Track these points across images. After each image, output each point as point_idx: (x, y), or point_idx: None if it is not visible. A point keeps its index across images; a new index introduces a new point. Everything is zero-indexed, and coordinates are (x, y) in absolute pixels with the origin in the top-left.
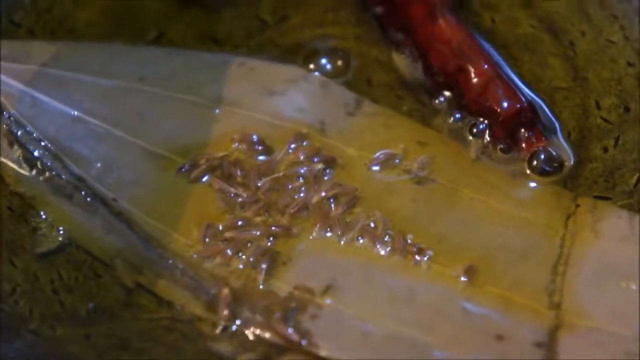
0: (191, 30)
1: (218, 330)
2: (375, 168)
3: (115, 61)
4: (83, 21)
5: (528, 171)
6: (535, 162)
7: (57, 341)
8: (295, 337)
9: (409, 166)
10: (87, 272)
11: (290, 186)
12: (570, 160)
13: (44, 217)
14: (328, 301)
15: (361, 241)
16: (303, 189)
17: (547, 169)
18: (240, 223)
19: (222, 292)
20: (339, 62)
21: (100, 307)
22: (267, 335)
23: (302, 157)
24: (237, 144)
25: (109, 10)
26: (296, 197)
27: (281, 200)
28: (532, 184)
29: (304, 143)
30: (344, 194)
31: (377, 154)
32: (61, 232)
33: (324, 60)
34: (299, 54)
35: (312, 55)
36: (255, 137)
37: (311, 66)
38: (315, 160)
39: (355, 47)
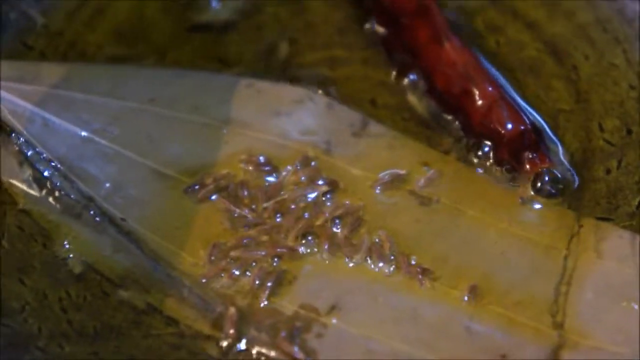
0: (200, 52)
1: (224, 349)
2: (380, 188)
3: (125, 83)
4: (94, 43)
5: (532, 192)
6: (539, 183)
7: (65, 359)
8: (300, 355)
9: (413, 187)
10: (95, 291)
11: (294, 207)
12: (573, 182)
13: (53, 236)
14: (333, 320)
15: (367, 261)
16: (307, 211)
17: (551, 190)
18: (246, 242)
19: (229, 310)
20: (344, 84)
21: (108, 325)
22: (272, 353)
23: (304, 180)
24: (244, 164)
25: (119, 32)
26: (301, 218)
27: (286, 222)
28: (536, 205)
29: (312, 164)
30: (348, 214)
31: (382, 175)
32: (70, 250)
33: (330, 82)
34: (306, 76)
35: (318, 77)
36: (262, 158)
37: (317, 87)
38: (320, 182)
39: (361, 69)
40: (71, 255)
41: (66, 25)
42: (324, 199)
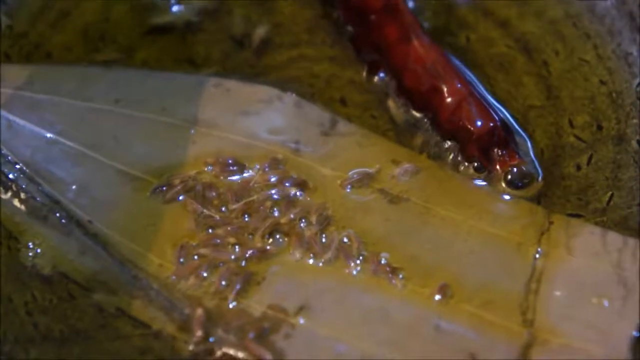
0: (167, 52)
1: (193, 351)
2: (350, 187)
3: (90, 84)
4: (59, 45)
5: (502, 189)
6: (508, 180)
7: None
8: (268, 356)
9: (383, 186)
10: (61, 294)
11: (262, 208)
12: (543, 178)
13: (18, 239)
14: (301, 321)
15: (335, 261)
16: (276, 210)
17: (521, 186)
18: (213, 242)
19: (196, 312)
20: (313, 83)
21: (75, 329)
22: (240, 355)
23: (274, 180)
24: (211, 166)
25: (85, 33)
26: (269, 217)
27: (253, 223)
28: (506, 202)
29: (280, 167)
30: (316, 213)
31: (351, 173)
32: (36, 253)
33: (299, 81)
34: (274, 75)
35: (286, 76)
36: (230, 160)
37: (286, 86)
38: (287, 184)
39: (329, 67)
40: (37, 259)
41: (31, 27)
42: (293, 199)
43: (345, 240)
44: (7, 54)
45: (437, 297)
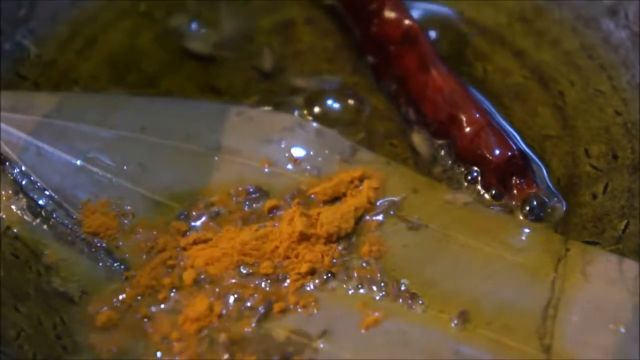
0: (191, 80)
1: None
2: (382, 216)
3: (116, 111)
4: (86, 73)
5: (519, 217)
6: (526, 208)
7: None
8: None
9: (402, 212)
10: None
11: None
12: (560, 207)
13: (47, 263)
14: (324, 345)
15: (358, 287)
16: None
17: (538, 214)
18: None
19: (220, 337)
20: (335, 111)
21: None
22: None
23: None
24: (235, 197)
25: (111, 62)
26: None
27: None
28: (523, 229)
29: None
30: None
31: (380, 202)
32: (65, 279)
33: (319, 109)
34: (296, 103)
35: (308, 104)
36: (251, 189)
37: (307, 114)
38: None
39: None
40: (66, 283)
41: (59, 55)
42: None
43: (364, 265)
44: (36, 82)
45: (456, 322)
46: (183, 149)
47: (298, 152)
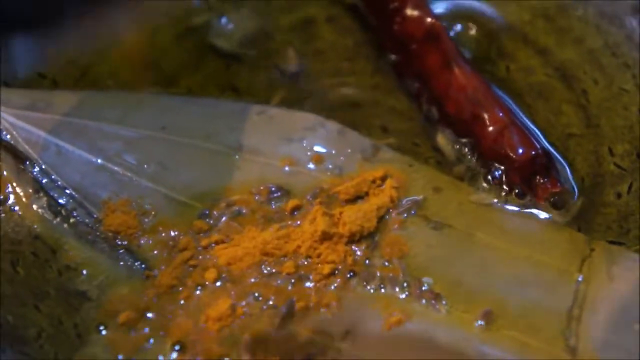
0: (211, 79)
1: None
2: (406, 215)
3: (137, 110)
4: (105, 71)
5: (543, 216)
6: (550, 207)
7: None
8: None
9: (425, 212)
10: None
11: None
12: (584, 206)
13: (67, 262)
14: (347, 346)
15: (381, 287)
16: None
17: (562, 213)
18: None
19: (242, 336)
20: (355, 110)
21: None
22: None
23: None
24: (257, 196)
25: (130, 60)
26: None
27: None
28: (547, 229)
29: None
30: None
31: (404, 202)
32: (85, 277)
33: (340, 108)
34: (317, 102)
35: (328, 103)
36: (273, 187)
37: (328, 114)
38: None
39: (371, 95)
40: (86, 283)
41: (78, 54)
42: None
43: (387, 264)
44: (55, 80)
45: (480, 322)
46: (203, 148)
47: (319, 151)
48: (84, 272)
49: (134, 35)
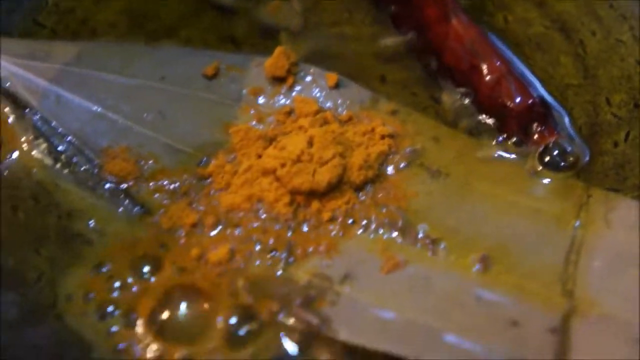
0: (210, 31)
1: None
2: (406, 165)
3: (136, 60)
4: (104, 22)
5: (540, 164)
6: (547, 156)
7: None
8: (315, 321)
9: (423, 161)
10: None
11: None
12: (581, 154)
13: (68, 207)
14: (346, 289)
15: (379, 231)
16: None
17: (560, 162)
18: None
19: (241, 280)
20: (354, 61)
21: None
22: (291, 321)
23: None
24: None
25: (129, 11)
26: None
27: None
28: (545, 177)
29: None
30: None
31: (403, 150)
32: (84, 221)
33: (339, 59)
34: (316, 54)
35: (327, 54)
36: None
37: (326, 64)
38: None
39: (369, 46)
40: (85, 226)
41: (77, 3)
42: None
43: (386, 211)
44: (54, 29)
45: (478, 267)
46: (203, 99)
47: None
48: (84, 217)
49: None
